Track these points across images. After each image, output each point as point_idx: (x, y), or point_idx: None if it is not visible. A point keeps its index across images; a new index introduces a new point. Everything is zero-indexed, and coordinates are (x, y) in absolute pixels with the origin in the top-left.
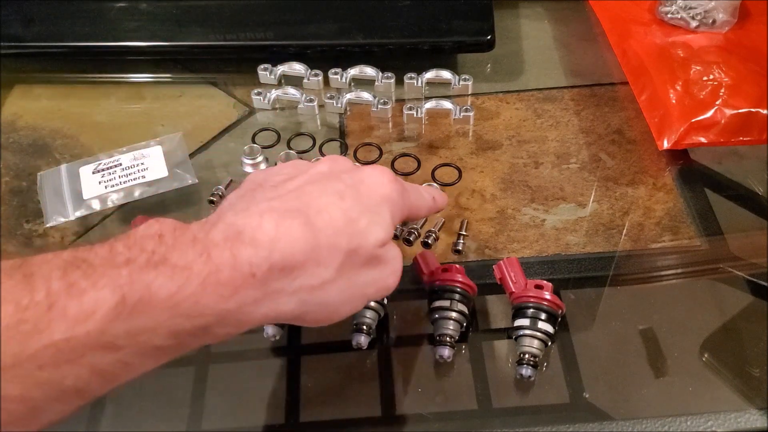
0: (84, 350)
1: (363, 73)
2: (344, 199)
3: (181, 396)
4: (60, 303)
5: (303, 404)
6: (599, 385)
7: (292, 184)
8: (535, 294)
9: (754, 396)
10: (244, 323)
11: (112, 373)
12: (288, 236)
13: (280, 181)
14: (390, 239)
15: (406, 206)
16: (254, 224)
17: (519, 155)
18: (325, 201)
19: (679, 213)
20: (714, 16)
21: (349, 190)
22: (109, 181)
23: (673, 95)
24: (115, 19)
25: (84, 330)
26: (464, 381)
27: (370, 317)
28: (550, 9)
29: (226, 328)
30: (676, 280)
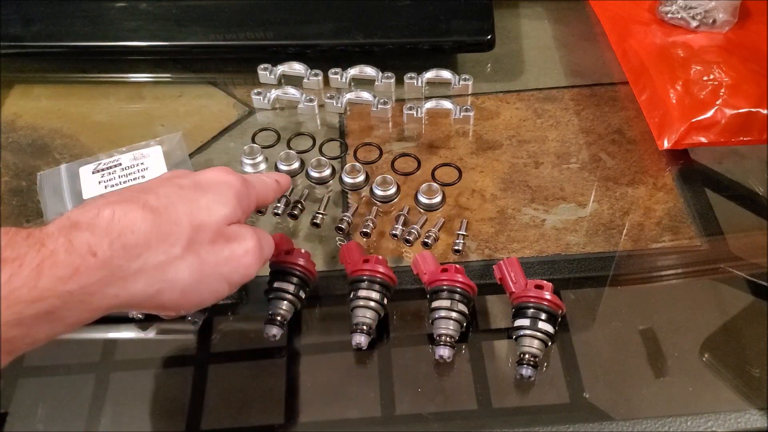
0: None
1: (363, 73)
2: (183, 188)
3: (181, 396)
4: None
5: (303, 404)
6: (599, 385)
7: (137, 186)
8: (535, 294)
9: (754, 396)
10: (94, 306)
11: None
12: (126, 218)
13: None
14: (238, 219)
15: (252, 193)
16: (91, 215)
17: (519, 155)
18: (164, 190)
19: (679, 213)
20: (714, 16)
21: (189, 181)
22: (109, 181)
23: (673, 95)
24: (114, 19)
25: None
26: (464, 381)
27: (370, 317)
28: (550, 9)
29: (74, 312)
30: (676, 280)
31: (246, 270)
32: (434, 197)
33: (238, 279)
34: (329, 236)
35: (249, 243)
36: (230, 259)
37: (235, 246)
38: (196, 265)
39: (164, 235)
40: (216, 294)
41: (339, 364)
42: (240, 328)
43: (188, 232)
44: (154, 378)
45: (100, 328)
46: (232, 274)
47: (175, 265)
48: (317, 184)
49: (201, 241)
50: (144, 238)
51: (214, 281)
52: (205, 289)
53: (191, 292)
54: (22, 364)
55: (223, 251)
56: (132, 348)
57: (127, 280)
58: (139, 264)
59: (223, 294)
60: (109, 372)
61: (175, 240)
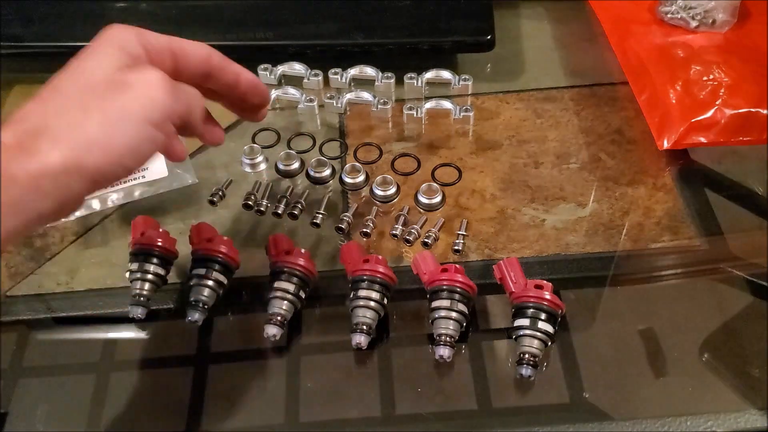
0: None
1: (363, 73)
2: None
3: (181, 396)
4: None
5: (303, 404)
6: (599, 385)
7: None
8: (535, 294)
9: (754, 396)
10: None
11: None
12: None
13: None
14: (135, 64)
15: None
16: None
17: (519, 155)
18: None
19: (679, 213)
20: (714, 16)
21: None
22: None
23: (673, 95)
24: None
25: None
26: (464, 381)
27: (370, 317)
28: (550, 9)
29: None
30: (676, 280)
31: (158, 104)
32: (434, 197)
33: (159, 116)
34: (329, 236)
35: (150, 75)
36: (133, 100)
37: (135, 86)
38: (99, 117)
39: (59, 106)
40: (144, 138)
41: (339, 364)
42: (240, 328)
43: (79, 92)
44: (154, 378)
45: (100, 328)
46: (144, 113)
47: (80, 126)
48: (317, 184)
49: (95, 95)
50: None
51: (127, 127)
52: (126, 139)
53: (110, 145)
54: (22, 364)
55: (122, 97)
56: (132, 348)
57: (42, 153)
58: (50, 138)
59: (152, 135)
60: (109, 372)
61: (70, 105)
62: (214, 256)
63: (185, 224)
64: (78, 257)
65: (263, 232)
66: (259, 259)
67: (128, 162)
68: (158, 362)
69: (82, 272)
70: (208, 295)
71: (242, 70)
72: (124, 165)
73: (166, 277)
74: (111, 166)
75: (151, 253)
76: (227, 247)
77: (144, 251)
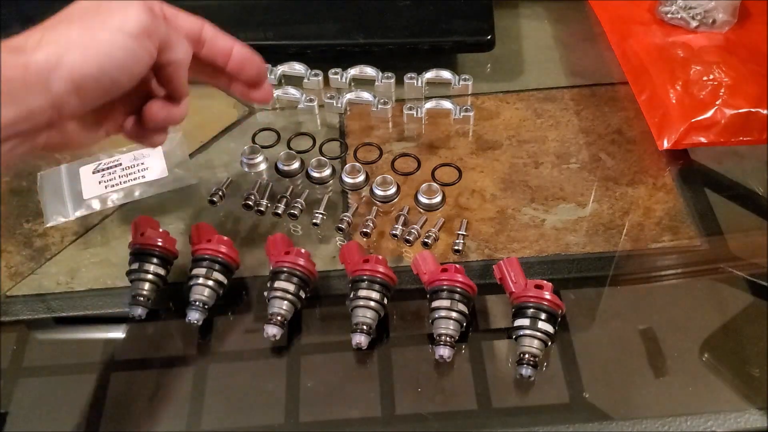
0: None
1: (363, 73)
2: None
3: (181, 396)
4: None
5: (303, 404)
6: (599, 385)
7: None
8: (535, 294)
9: (754, 396)
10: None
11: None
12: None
13: None
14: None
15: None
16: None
17: (519, 155)
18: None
19: (679, 213)
20: (714, 16)
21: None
22: (109, 181)
23: (673, 95)
24: None
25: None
26: (464, 381)
27: (370, 317)
28: (550, 9)
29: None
30: (676, 280)
31: (137, 17)
32: (434, 197)
33: (134, 27)
34: (329, 236)
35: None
36: (115, 12)
37: (119, 4)
38: (83, 25)
39: (49, 23)
40: (120, 46)
41: (339, 364)
42: (240, 328)
43: (67, 11)
44: (154, 378)
45: (100, 328)
46: (123, 23)
47: (63, 32)
48: (317, 184)
49: (80, 13)
50: (33, 30)
51: (107, 33)
52: (103, 43)
53: (89, 48)
54: (22, 364)
55: (102, 8)
56: (132, 348)
57: (27, 52)
58: (34, 40)
59: (130, 46)
60: (109, 372)
61: (57, 19)
62: (214, 256)
63: (185, 224)
64: (78, 257)
65: (263, 232)
66: (259, 259)
67: (108, 68)
68: (158, 362)
69: (82, 272)
70: (208, 295)
71: (235, 42)
72: (104, 70)
73: (166, 277)
74: (90, 68)
75: (151, 253)
76: (227, 247)
77: (144, 251)
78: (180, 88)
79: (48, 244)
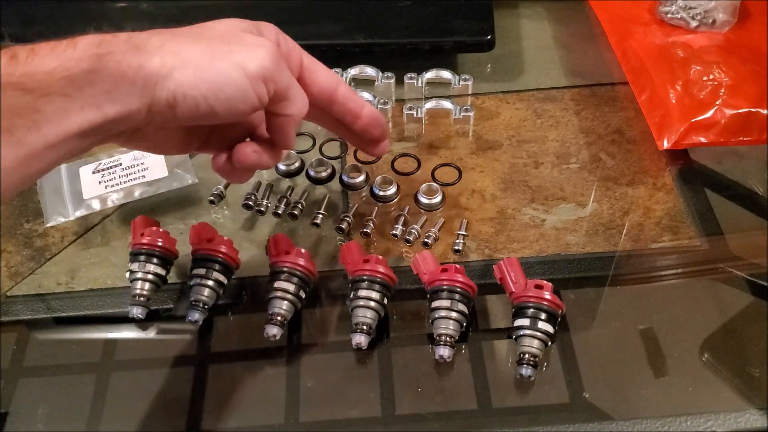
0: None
1: (363, 73)
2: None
3: (181, 396)
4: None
5: (303, 404)
6: (599, 385)
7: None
8: (535, 294)
9: (754, 396)
10: (121, 73)
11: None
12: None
13: None
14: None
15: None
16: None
17: (519, 155)
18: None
19: (679, 213)
20: (714, 16)
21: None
22: (109, 181)
23: (673, 95)
24: (115, 20)
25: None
26: (464, 381)
27: (370, 317)
28: (550, 9)
29: (107, 78)
30: (676, 280)
31: (260, 60)
32: (434, 197)
33: (254, 68)
34: (329, 236)
35: (263, 41)
36: (242, 49)
37: (247, 41)
38: (207, 48)
39: (176, 33)
40: (233, 81)
41: (339, 364)
42: (240, 328)
43: (199, 29)
44: (154, 378)
45: (100, 328)
46: (245, 61)
47: (187, 47)
48: (317, 184)
49: (211, 35)
50: (157, 33)
51: (227, 65)
52: (218, 72)
53: (203, 71)
54: (22, 364)
55: (234, 44)
56: (132, 348)
57: (146, 53)
58: (156, 44)
59: (242, 85)
60: (109, 372)
61: (186, 33)
62: (214, 256)
63: (185, 224)
64: (78, 257)
65: (263, 232)
66: (259, 259)
67: (213, 97)
68: (158, 362)
69: (82, 272)
70: (208, 295)
71: (366, 104)
72: (208, 98)
73: (166, 277)
74: (196, 90)
75: (151, 253)
76: (227, 247)
77: (144, 251)
78: (284, 140)
79: (48, 244)
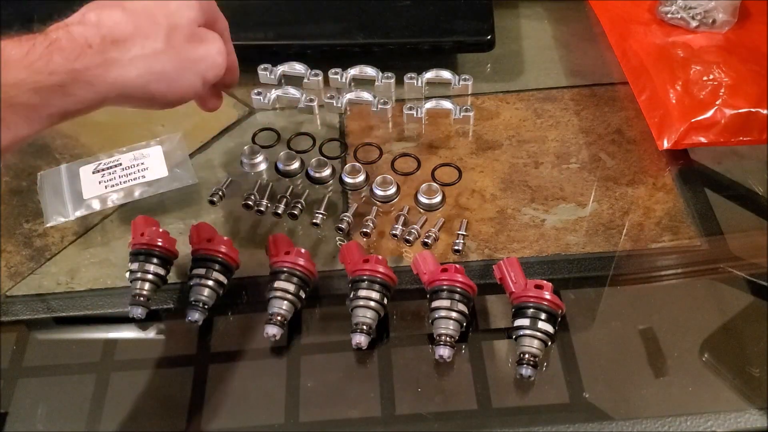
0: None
1: (363, 73)
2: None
3: (181, 396)
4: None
5: (303, 404)
6: (599, 385)
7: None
8: (535, 294)
9: (754, 396)
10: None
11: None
12: (110, 18)
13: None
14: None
15: (212, 6)
16: (78, 17)
17: (519, 155)
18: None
19: (679, 213)
20: (714, 16)
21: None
22: (109, 181)
23: (673, 95)
24: None
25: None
26: (464, 381)
27: (370, 317)
28: (550, 9)
29: (82, 90)
30: (676, 280)
31: (217, 68)
32: (434, 197)
33: (212, 77)
34: (329, 236)
35: (219, 44)
36: (205, 57)
37: (208, 46)
38: (177, 58)
39: (146, 32)
40: (194, 89)
41: (339, 364)
42: (240, 328)
43: (165, 29)
44: (154, 378)
45: (100, 328)
46: (207, 71)
47: (159, 58)
48: (317, 184)
49: (178, 39)
50: (129, 33)
51: (192, 76)
52: (185, 83)
53: (175, 83)
54: (22, 364)
55: (198, 50)
56: (132, 348)
57: (123, 68)
58: (130, 55)
59: (199, 91)
60: (109, 372)
61: (155, 36)
62: (214, 256)
63: (185, 224)
64: (78, 257)
65: (263, 232)
66: (259, 259)
67: (173, 99)
68: (158, 362)
69: (82, 272)
70: (208, 295)
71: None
72: (169, 100)
73: (166, 277)
74: (163, 97)
75: (151, 253)
76: (227, 247)
77: (144, 251)
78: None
79: (48, 244)
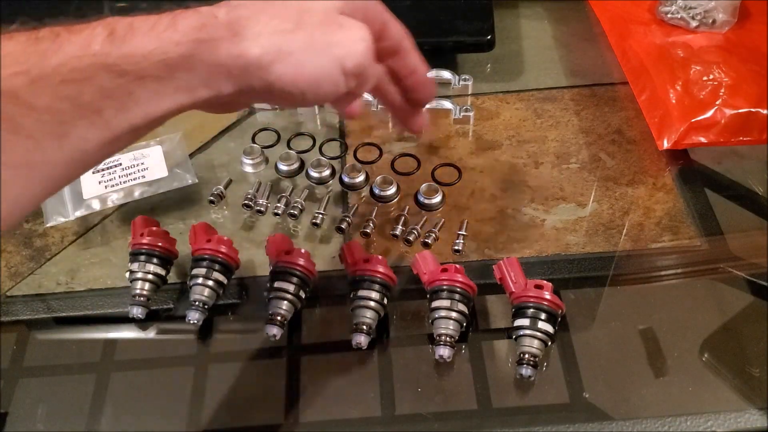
0: (94, 70)
1: None
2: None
3: (181, 396)
4: (64, 35)
5: (303, 404)
6: (599, 385)
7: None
8: (535, 294)
9: (754, 396)
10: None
11: (120, 100)
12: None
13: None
14: (351, 14)
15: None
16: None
17: (519, 155)
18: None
19: (679, 213)
20: (714, 16)
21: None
22: (109, 181)
23: (673, 95)
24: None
25: (91, 51)
26: (464, 381)
27: (370, 317)
28: (550, 9)
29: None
30: (676, 280)
31: (356, 55)
32: (434, 197)
33: (351, 66)
34: (329, 236)
35: (362, 32)
36: (342, 42)
37: (348, 32)
38: (308, 40)
39: (274, 12)
40: (330, 78)
41: (339, 364)
42: (240, 328)
43: (297, 10)
44: (153, 378)
45: (100, 328)
46: (344, 58)
47: (287, 37)
48: (317, 184)
49: (310, 21)
50: (256, 10)
51: (324, 61)
52: (316, 68)
53: (302, 67)
54: (23, 364)
55: (336, 34)
56: (132, 348)
57: (247, 41)
58: (256, 31)
59: (337, 80)
60: (109, 372)
61: (285, 17)
62: (215, 256)
63: (185, 224)
64: (78, 257)
65: (263, 232)
66: (259, 259)
67: (305, 88)
68: (158, 362)
69: (82, 272)
70: (208, 295)
71: (422, 62)
72: (300, 89)
73: (166, 277)
74: (289, 83)
75: (151, 253)
76: (227, 247)
77: (144, 251)
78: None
79: (48, 244)
